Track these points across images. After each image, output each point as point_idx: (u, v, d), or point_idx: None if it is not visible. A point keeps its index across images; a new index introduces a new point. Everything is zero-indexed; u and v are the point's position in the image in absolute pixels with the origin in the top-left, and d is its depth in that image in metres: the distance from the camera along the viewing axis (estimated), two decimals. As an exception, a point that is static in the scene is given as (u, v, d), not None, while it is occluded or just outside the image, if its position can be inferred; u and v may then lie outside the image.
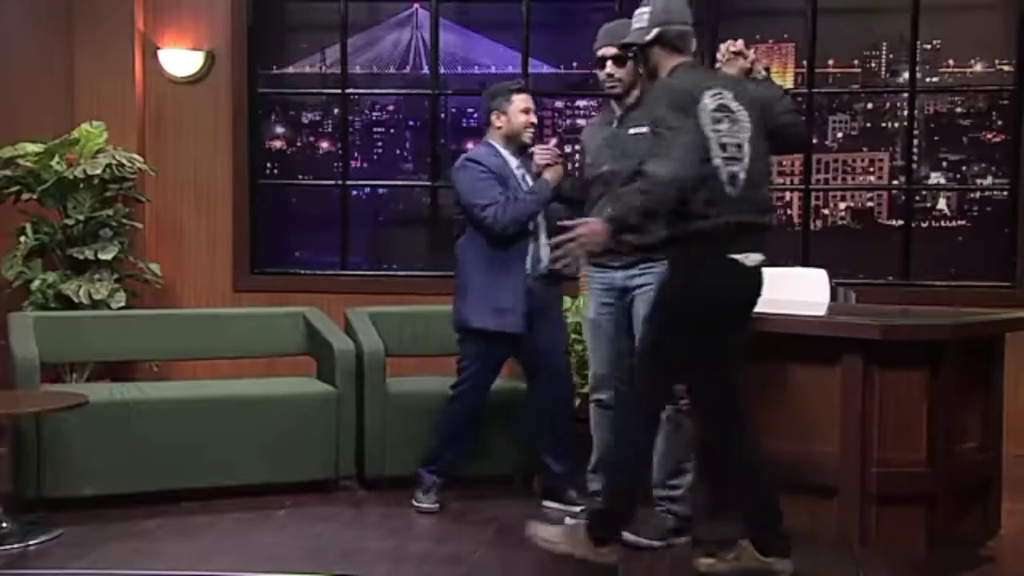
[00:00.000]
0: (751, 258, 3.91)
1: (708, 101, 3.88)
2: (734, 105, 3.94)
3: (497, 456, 5.36)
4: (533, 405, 5.08)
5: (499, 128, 4.97)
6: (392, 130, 7.49)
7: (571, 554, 4.07)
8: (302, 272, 7.29)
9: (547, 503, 5.01)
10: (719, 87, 3.94)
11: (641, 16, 4.06)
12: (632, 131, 4.50)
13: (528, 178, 4.95)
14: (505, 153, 4.97)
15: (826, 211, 6.99)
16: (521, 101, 4.96)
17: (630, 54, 4.36)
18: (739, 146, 3.91)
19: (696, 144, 3.81)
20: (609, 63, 4.55)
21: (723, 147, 3.88)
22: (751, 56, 4.20)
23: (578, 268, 5.63)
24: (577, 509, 4.77)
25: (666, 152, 3.79)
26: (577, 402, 5.90)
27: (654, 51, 4.03)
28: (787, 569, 4.00)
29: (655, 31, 3.99)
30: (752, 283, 3.96)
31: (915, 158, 6.79)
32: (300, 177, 7.40)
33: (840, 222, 6.99)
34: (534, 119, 5.03)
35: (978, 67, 6.77)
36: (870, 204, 6.97)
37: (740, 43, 4.21)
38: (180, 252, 7.12)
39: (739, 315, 4.03)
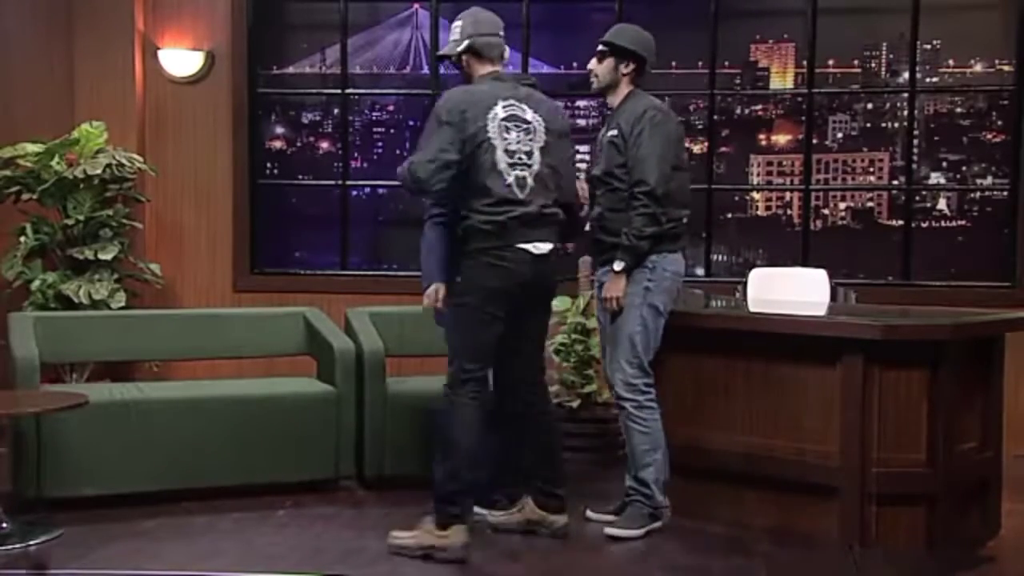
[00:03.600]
0: (539, 247, 4.29)
1: (500, 111, 4.31)
2: (529, 115, 4.37)
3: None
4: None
5: None
6: (392, 130, 7.49)
7: (423, 548, 4.26)
8: (302, 272, 7.29)
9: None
10: (515, 99, 4.36)
11: (455, 29, 4.45)
12: (609, 134, 4.65)
13: None
14: None
15: (826, 211, 6.98)
16: None
17: (604, 50, 4.71)
18: (529, 153, 4.32)
19: (440, 148, 4.21)
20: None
21: (510, 153, 4.28)
22: None
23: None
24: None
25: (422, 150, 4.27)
26: (577, 402, 5.92)
27: (466, 60, 4.43)
28: (561, 521, 4.50)
29: (465, 42, 4.40)
30: (542, 269, 4.33)
31: (915, 158, 6.79)
32: (300, 177, 7.40)
33: (840, 222, 6.99)
34: None
35: (978, 67, 6.76)
36: (870, 204, 6.96)
37: None
38: (180, 252, 7.12)
39: (535, 299, 4.41)
